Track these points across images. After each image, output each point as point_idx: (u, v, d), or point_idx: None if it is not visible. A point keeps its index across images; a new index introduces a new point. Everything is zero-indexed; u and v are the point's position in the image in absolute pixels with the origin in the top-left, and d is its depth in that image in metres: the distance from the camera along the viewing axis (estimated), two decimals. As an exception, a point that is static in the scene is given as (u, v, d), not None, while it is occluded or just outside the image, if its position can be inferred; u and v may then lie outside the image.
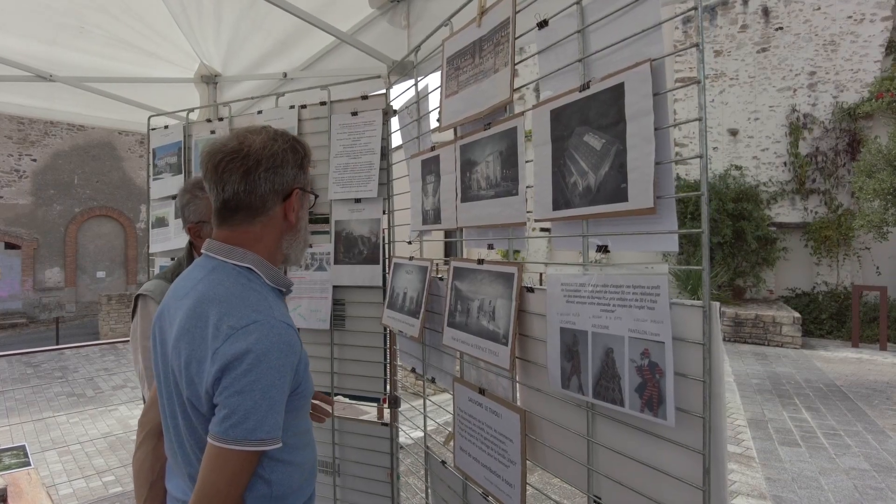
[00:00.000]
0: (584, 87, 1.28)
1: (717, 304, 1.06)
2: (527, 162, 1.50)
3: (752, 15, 13.14)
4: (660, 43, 1.14)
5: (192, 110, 3.34)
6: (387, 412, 2.57)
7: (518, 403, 1.59)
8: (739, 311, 10.77)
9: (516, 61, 1.53)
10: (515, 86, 1.52)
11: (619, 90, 1.19)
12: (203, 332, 1.07)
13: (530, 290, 1.51)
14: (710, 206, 11.80)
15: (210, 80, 3.84)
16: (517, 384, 1.59)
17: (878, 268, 11.63)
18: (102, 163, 20.35)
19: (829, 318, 11.62)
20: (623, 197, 1.18)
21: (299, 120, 2.75)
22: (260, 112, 2.95)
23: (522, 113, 1.50)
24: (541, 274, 12.13)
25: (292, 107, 2.80)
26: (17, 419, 6.93)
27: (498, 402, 1.63)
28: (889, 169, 8.01)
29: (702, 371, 1.05)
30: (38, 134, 18.84)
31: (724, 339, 10.57)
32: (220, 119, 3.25)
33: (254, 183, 1.15)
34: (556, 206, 1.37)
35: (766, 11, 12.97)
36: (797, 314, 10.41)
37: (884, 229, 8.61)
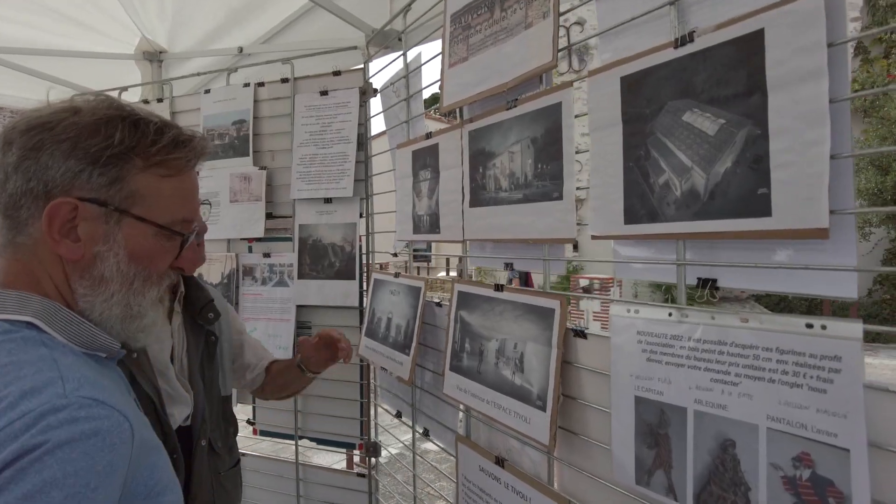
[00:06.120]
0: (684, 40, 0.84)
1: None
2: (577, 153, 1.06)
3: None
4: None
5: (125, 89, 2.78)
6: (363, 456, 2.11)
7: (556, 487, 1.15)
8: (715, 313, 10.67)
9: (562, 10, 1.09)
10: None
11: (751, 42, 0.76)
12: None
13: (581, 334, 1.07)
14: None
15: (154, 57, 3.27)
16: (555, 460, 1.16)
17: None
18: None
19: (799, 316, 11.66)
20: (760, 209, 0.75)
21: (255, 100, 2.26)
22: (208, 91, 2.44)
23: (571, 83, 1.06)
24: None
25: (247, 84, 2.29)
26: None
27: (525, 480, 1.20)
28: (872, 169, 7.93)
29: (922, 503, 0.63)
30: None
31: (698, 341, 10.48)
32: (160, 100, 2.71)
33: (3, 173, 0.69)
34: (630, 218, 0.94)
35: None
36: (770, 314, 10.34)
37: (865, 229, 8.53)
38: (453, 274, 16.10)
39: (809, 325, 0.70)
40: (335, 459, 3.81)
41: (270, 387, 1.49)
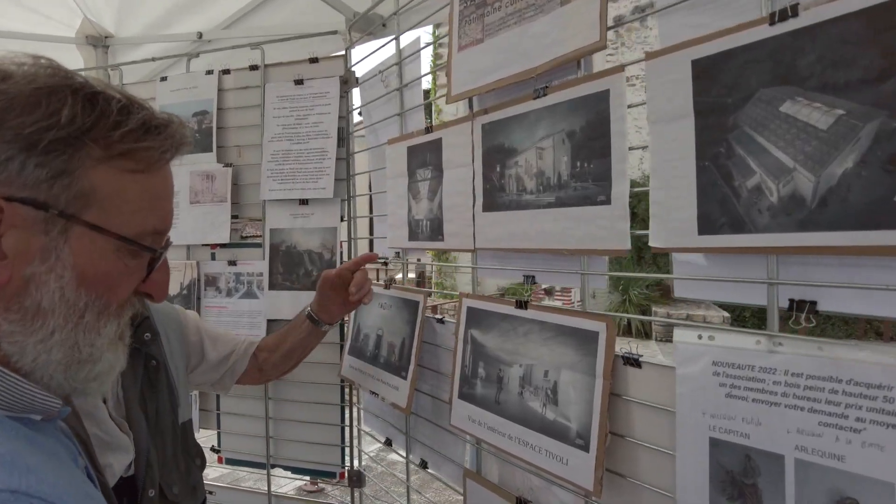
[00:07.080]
0: (784, 14, 0.70)
1: None
2: (630, 149, 0.91)
3: None
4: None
5: (66, 73, 2.48)
6: (338, 484, 1.91)
7: (596, 537, 1.00)
8: (671, 311, 10.87)
9: (610, -17, 0.93)
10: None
11: (885, 14, 0.62)
12: None
13: (634, 362, 0.92)
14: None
15: (98, 41, 2.95)
16: (595, 506, 1.00)
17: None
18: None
19: (751, 315, 12.01)
20: (896, 219, 0.61)
21: (220, 90, 2.02)
22: (164, 79, 2.18)
23: (622, 67, 0.91)
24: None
25: (210, 72, 2.05)
26: None
27: (555, 527, 1.04)
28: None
29: None
30: None
31: (656, 339, 10.65)
32: (107, 88, 2.41)
33: None
34: (706, 228, 0.79)
35: None
36: (726, 313, 10.62)
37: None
38: (411, 276, 15.87)
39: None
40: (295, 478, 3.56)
41: (269, 362, 1.29)
